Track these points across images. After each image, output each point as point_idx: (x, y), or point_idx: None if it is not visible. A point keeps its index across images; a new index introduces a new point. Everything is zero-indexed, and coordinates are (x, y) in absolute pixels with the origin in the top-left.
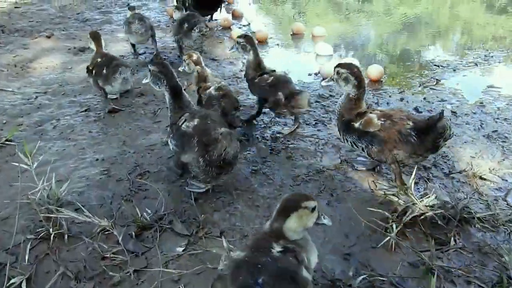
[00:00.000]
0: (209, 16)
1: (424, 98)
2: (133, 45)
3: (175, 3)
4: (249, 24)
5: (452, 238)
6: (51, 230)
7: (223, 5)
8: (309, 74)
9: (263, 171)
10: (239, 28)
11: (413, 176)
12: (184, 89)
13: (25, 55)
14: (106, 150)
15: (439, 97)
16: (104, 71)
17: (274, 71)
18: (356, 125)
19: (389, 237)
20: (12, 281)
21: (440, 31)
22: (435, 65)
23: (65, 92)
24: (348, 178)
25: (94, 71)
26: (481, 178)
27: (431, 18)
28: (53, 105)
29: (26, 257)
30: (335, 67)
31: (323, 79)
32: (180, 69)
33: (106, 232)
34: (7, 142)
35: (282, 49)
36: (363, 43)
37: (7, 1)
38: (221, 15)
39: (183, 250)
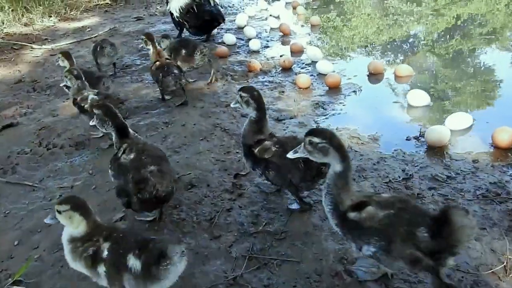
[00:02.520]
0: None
1: None
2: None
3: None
4: (314, 63)
5: None
6: None
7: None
8: (408, 139)
9: None
10: (302, 69)
11: None
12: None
13: (52, 126)
14: None
15: None
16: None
17: (169, 59)
18: (255, 151)
19: None
20: None
21: None
22: None
23: (96, 186)
24: None
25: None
26: None
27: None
28: None
29: None
30: (238, 91)
31: (429, 147)
32: (62, 84)
33: None
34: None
35: (362, 99)
36: (457, 81)
37: (42, 47)
38: (278, 51)
39: None
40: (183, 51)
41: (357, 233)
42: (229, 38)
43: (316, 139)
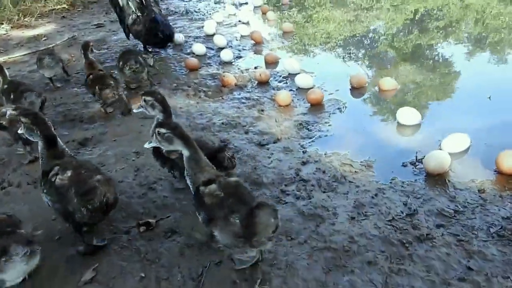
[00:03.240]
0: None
1: None
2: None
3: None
4: (292, 75)
5: None
6: None
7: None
8: (404, 165)
9: None
10: (279, 82)
11: None
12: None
13: (6, 158)
14: None
15: None
16: (12, 96)
17: (102, 70)
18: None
19: None
20: None
21: None
22: None
23: (61, 237)
24: None
25: (4, 97)
26: None
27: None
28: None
29: None
30: (141, 95)
31: (428, 174)
32: None
33: None
34: None
35: (348, 118)
36: (445, 94)
37: None
38: (252, 62)
39: None
40: (120, 63)
41: (200, 205)
42: (199, 48)
43: (162, 130)
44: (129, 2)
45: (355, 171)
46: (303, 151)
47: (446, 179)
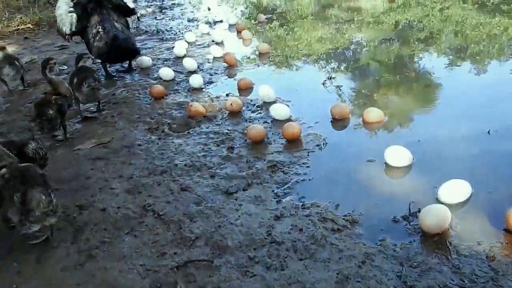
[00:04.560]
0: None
1: None
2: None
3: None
4: (267, 104)
5: None
6: None
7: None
8: (395, 220)
9: None
10: (253, 112)
11: None
12: None
13: None
14: None
15: None
16: None
17: (58, 94)
18: None
19: None
20: None
21: None
22: None
23: None
24: None
25: None
26: None
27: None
28: None
29: None
30: None
31: (425, 234)
32: None
33: None
34: None
35: (329, 158)
36: (439, 127)
37: None
38: (224, 88)
39: None
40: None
41: None
42: (166, 72)
43: None
44: (91, 16)
45: (338, 229)
46: (277, 201)
47: (447, 241)
